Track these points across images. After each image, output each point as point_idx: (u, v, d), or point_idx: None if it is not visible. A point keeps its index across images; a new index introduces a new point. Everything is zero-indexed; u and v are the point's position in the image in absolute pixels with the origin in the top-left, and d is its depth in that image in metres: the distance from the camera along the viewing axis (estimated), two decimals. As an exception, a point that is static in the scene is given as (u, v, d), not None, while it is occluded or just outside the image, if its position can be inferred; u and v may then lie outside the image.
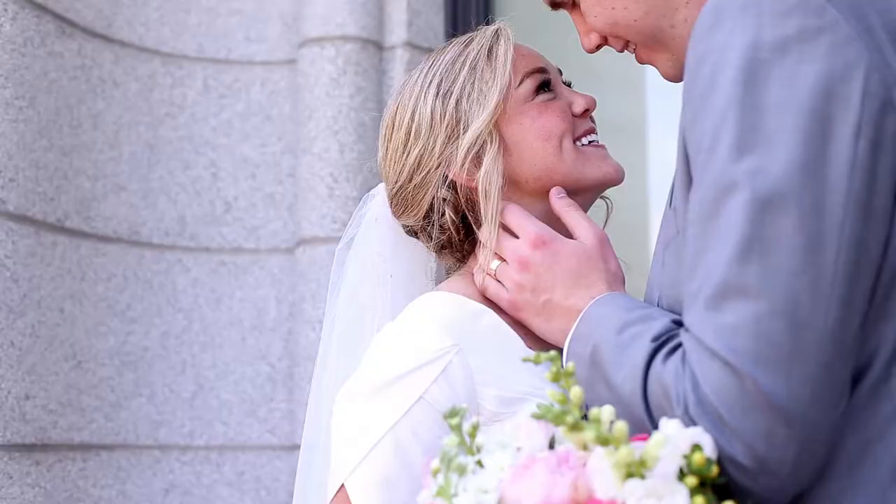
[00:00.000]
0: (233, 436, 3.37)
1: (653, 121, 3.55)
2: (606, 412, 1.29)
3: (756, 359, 1.30)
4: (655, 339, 1.44)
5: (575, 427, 1.27)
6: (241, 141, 3.48)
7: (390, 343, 1.79)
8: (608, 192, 2.01)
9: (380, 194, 2.02)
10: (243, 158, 3.47)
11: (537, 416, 1.29)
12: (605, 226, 2.00)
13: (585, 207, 1.92)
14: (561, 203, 1.85)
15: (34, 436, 2.97)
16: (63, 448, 3.08)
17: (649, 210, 3.50)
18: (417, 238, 1.96)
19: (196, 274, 3.42)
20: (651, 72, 1.86)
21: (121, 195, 3.32)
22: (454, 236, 1.89)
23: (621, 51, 1.82)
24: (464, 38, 1.96)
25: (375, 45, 3.42)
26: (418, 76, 1.93)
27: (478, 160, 1.85)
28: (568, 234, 1.84)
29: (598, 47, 1.82)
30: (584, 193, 1.90)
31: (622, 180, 1.92)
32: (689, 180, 1.45)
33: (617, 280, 1.78)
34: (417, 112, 1.89)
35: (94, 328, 3.21)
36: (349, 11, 3.37)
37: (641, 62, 1.81)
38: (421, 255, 2.01)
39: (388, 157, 1.94)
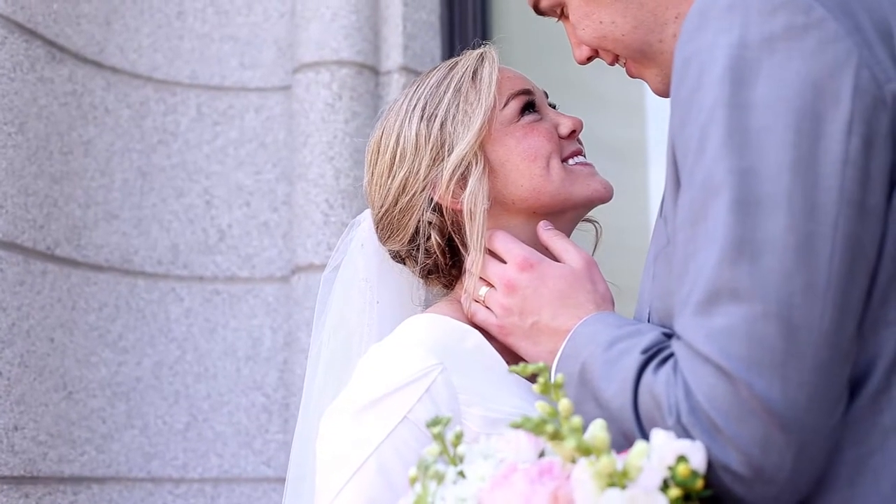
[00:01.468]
0: (227, 468, 3.32)
1: (654, 144, 3.52)
2: (597, 425, 1.26)
3: (749, 363, 1.27)
4: (645, 350, 1.41)
5: (555, 436, 1.25)
6: (235, 168, 3.45)
7: (374, 364, 1.78)
8: (597, 216, 2.02)
9: (366, 220, 2.02)
10: (237, 186, 3.44)
11: (516, 426, 1.27)
12: (594, 249, 2.01)
13: (573, 225, 1.93)
14: (548, 234, 1.85)
15: (23, 468, 2.92)
16: (53, 481, 3.02)
17: (650, 233, 3.45)
18: (404, 264, 1.96)
19: (189, 303, 3.37)
20: (652, 94, 1.86)
21: (112, 223, 3.28)
22: (440, 260, 1.89)
23: (612, 64, 1.82)
24: (449, 61, 1.97)
25: (371, 70, 3.39)
26: (403, 100, 1.94)
27: (463, 182, 1.85)
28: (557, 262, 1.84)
29: (590, 59, 1.82)
30: (573, 212, 1.91)
31: (611, 197, 1.92)
32: (677, 186, 1.43)
33: (606, 301, 1.77)
34: (402, 135, 1.90)
35: (85, 358, 3.16)
36: (344, 36, 3.35)
37: (632, 76, 1.81)
38: (408, 281, 2.00)
39: (374, 181, 1.94)
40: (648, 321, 1.56)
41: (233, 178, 3.44)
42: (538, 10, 1.83)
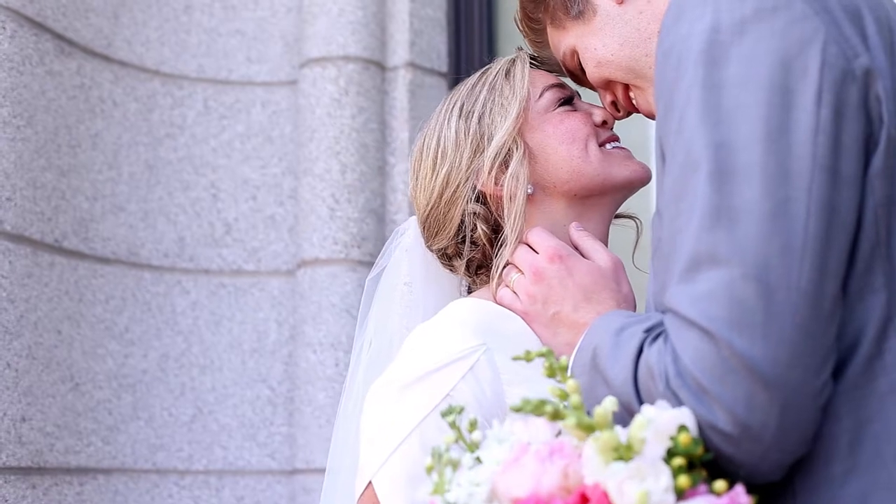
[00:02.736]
0: (232, 460, 3.34)
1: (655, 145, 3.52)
2: (606, 402, 1.30)
3: (730, 323, 1.30)
4: (648, 329, 1.45)
5: (556, 416, 1.28)
6: (241, 162, 3.46)
7: (420, 342, 1.83)
8: (637, 210, 2.09)
9: (411, 227, 2.08)
10: (244, 179, 3.45)
11: (515, 409, 1.30)
12: (636, 244, 2.09)
13: (614, 209, 1.99)
14: (579, 234, 1.91)
15: (30, 459, 2.93)
16: (59, 471, 3.04)
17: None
18: (451, 264, 2.00)
19: (195, 296, 3.39)
20: (653, 97, 1.93)
21: (119, 216, 3.30)
22: (488, 250, 1.93)
23: (626, 97, 1.93)
24: (483, 68, 2.04)
25: (377, 66, 3.40)
26: (441, 107, 2.01)
27: (504, 167, 1.91)
28: None
29: (614, 105, 1.96)
30: (613, 194, 1.96)
31: (650, 179, 1.97)
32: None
33: (628, 302, 1.83)
34: (442, 136, 1.95)
35: (92, 350, 3.17)
36: (351, 31, 3.36)
37: (642, 111, 1.92)
38: (451, 286, 2.06)
39: (418, 184, 1.99)
40: None
41: (239, 172, 3.46)
42: (573, 76, 2.00)
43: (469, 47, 3.51)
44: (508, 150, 1.90)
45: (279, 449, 3.34)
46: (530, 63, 2.00)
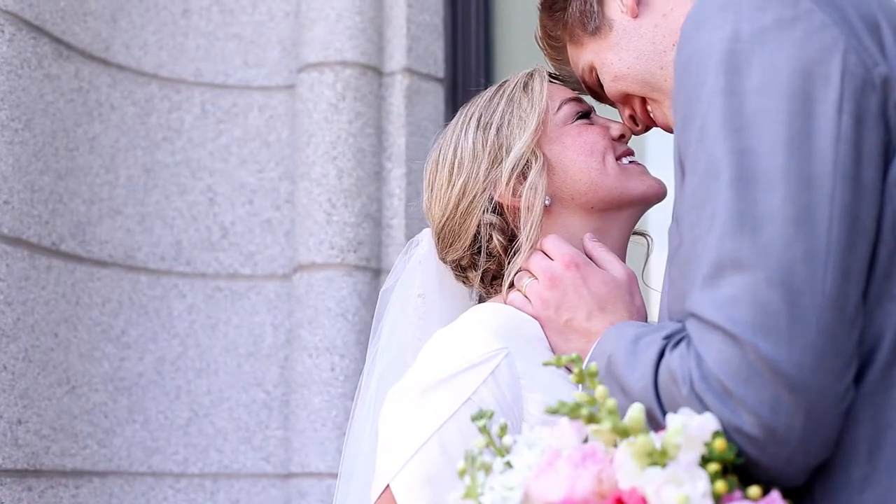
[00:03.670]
0: (227, 463, 3.34)
1: (653, 147, 3.54)
2: (634, 408, 1.30)
3: (755, 327, 1.31)
4: (667, 336, 1.45)
5: (591, 420, 1.29)
6: (238, 166, 3.46)
7: (440, 347, 1.83)
8: (650, 229, 2.11)
9: (425, 239, 2.08)
10: (241, 183, 3.46)
11: (551, 411, 1.31)
12: (646, 261, 2.10)
13: (631, 225, 2.00)
14: (593, 244, 1.92)
15: (26, 461, 2.93)
16: (55, 474, 3.04)
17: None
18: (465, 276, 2.01)
19: (192, 299, 3.39)
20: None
21: (116, 219, 3.30)
22: (503, 261, 1.94)
23: (644, 111, 1.95)
24: (500, 81, 2.05)
25: (375, 71, 3.41)
26: (458, 118, 2.02)
27: (523, 178, 1.91)
28: None
29: (632, 118, 1.98)
30: (630, 208, 1.97)
31: (665, 195, 1.98)
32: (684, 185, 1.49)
33: (640, 315, 1.84)
34: (459, 147, 1.96)
35: (89, 353, 3.18)
36: (349, 37, 3.37)
37: (661, 124, 1.94)
38: (464, 297, 2.06)
39: (434, 195, 2.00)
40: None
41: (236, 176, 3.46)
42: (592, 92, 2.02)
43: (466, 53, 3.52)
44: (527, 161, 1.91)
45: (274, 452, 3.35)
46: (550, 79, 2.01)
